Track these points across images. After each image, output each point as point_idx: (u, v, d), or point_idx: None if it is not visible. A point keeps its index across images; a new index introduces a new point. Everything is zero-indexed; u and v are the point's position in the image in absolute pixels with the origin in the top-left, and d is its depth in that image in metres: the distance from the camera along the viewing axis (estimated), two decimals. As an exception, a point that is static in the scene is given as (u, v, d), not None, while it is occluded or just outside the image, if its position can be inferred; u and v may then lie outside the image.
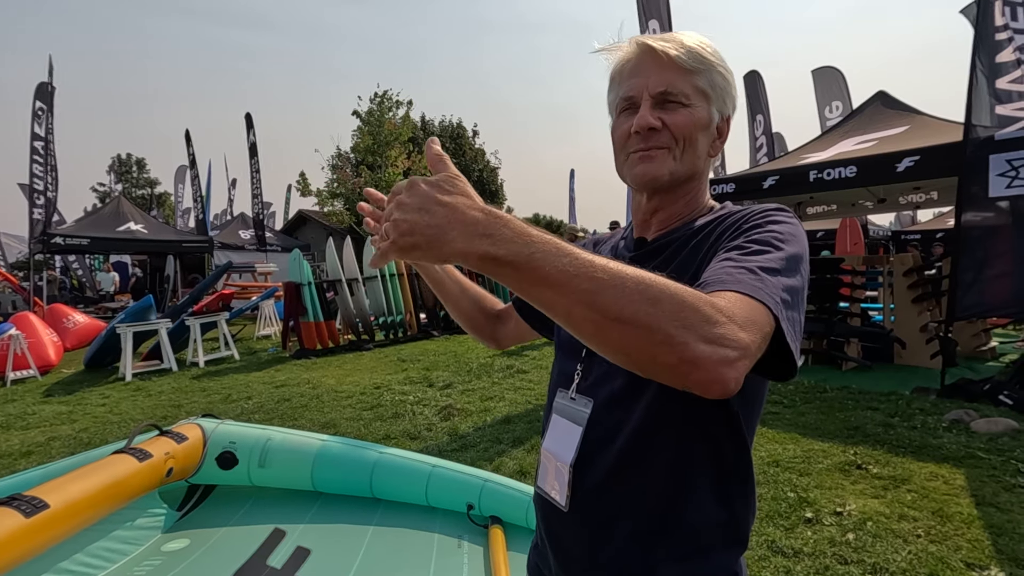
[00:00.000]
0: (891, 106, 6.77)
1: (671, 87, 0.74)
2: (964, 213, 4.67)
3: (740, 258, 0.63)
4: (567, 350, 0.86)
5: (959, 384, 4.80)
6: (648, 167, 0.76)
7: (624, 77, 0.79)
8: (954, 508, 2.75)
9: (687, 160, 0.77)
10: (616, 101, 0.80)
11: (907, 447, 3.59)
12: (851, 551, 2.40)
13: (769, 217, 0.71)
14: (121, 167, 41.36)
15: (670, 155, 0.76)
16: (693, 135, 0.76)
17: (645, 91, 0.75)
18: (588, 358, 0.80)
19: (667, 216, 0.82)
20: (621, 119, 0.79)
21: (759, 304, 0.56)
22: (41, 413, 5.22)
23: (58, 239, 11.66)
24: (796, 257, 0.65)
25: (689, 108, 0.75)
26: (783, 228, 0.69)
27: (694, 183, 0.81)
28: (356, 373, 6.67)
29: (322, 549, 2.21)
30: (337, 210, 16.32)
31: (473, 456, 3.63)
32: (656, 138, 0.75)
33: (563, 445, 0.78)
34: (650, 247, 0.82)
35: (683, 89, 0.75)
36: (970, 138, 4.58)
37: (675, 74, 0.74)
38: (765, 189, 6.08)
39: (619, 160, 0.81)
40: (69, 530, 1.71)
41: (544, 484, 0.83)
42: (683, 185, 0.79)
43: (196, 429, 2.51)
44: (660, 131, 0.74)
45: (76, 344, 9.21)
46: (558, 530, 0.81)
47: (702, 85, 0.76)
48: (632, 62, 0.78)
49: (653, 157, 0.75)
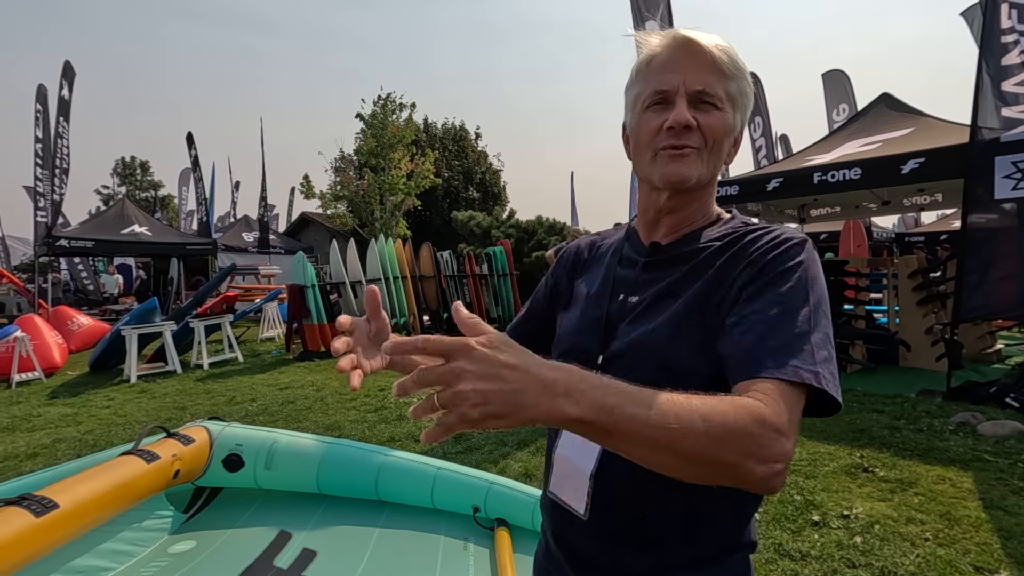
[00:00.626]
0: (895, 108, 6.76)
1: (709, 87, 0.72)
2: (970, 215, 4.65)
3: (772, 321, 0.64)
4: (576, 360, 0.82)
5: (965, 387, 4.78)
6: (679, 167, 0.74)
7: (654, 70, 0.75)
8: (962, 511, 2.73)
9: (712, 164, 0.76)
10: (643, 94, 0.77)
11: (914, 450, 3.58)
12: (859, 554, 2.39)
13: (791, 258, 0.69)
14: (125, 170, 41.49)
15: (699, 157, 0.74)
16: (722, 139, 0.75)
17: (682, 86, 0.72)
18: (603, 366, 0.77)
19: (679, 219, 0.80)
20: (649, 114, 0.76)
21: (799, 387, 0.60)
22: (46, 415, 5.24)
23: (63, 241, 11.71)
24: (821, 299, 0.67)
25: (722, 112, 0.74)
26: (807, 271, 0.68)
27: (710, 188, 0.81)
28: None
29: (328, 551, 2.22)
30: (340, 212, 16.35)
31: (478, 459, 3.63)
32: (689, 137, 0.73)
33: (581, 453, 0.77)
34: (665, 255, 0.80)
35: (719, 91, 0.73)
36: (976, 140, 4.57)
37: (713, 75, 0.73)
38: (769, 191, 6.07)
39: (643, 156, 0.78)
40: (78, 530, 1.71)
41: (559, 491, 0.81)
42: (702, 189, 0.79)
43: (203, 431, 2.52)
44: (694, 130, 0.72)
45: (81, 346, 9.24)
46: (573, 537, 0.80)
47: (733, 91, 0.74)
48: (663, 56, 0.75)
49: (685, 156, 0.73)
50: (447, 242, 17.30)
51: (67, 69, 11.39)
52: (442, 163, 22.21)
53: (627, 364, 0.74)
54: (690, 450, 0.53)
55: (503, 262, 10.88)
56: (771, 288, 0.67)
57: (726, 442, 0.53)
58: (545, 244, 12.41)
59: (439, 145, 23.28)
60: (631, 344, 0.75)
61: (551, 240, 12.60)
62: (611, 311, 0.80)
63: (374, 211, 15.63)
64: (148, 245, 13.73)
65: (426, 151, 16.78)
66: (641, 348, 0.74)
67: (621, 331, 0.77)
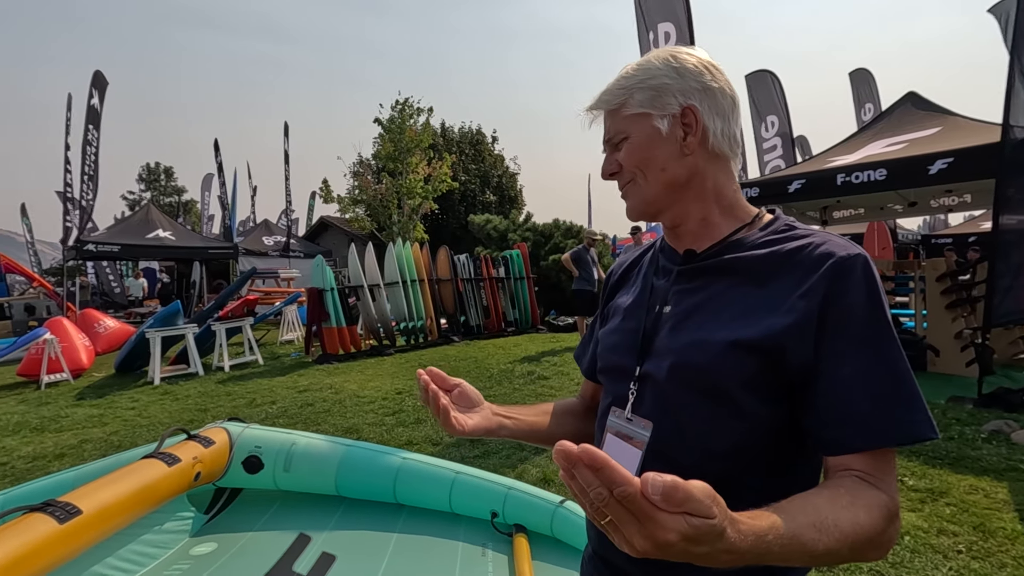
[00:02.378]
0: (922, 107, 6.59)
1: (608, 133, 0.81)
2: (1001, 216, 4.51)
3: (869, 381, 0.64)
4: (615, 373, 0.84)
5: (997, 393, 4.63)
6: (628, 205, 0.82)
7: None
8: (997, 523, 2.64)
9: (653, 179, 0.78)
10: None
11: (944, 458, 3.47)
12: (888, 567, 2.32)
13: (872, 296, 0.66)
14: (150, 175, 42.45)
15: (635, 186, 0.80)
16: (644, 157, 0.77)
17: (604, 144, 0.83)
18: (642, 380, 0.78)
19: (690, 228, 0.80)
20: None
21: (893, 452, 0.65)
22: (73, 416, 5.35)
23: (90, 246, 12.00)
24: (894, 333, 0.67)
25: (630, 139, 0.78)
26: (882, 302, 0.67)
27: (689, 187, 0.77)
28: (378, 378, 6.70)
29: (347, 556, 2.21)
30: (358, 216, 16.49)
31: (496, 463, 3.61)
32: (621, 178, 0.81)
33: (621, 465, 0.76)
34: (702, 263, 0.78)
35: (618, 128, 0.79)
36: (1008, 139, 4.43)
37: (609, 118, 0.81)
38: (791, 193, 5.97)
39: None
40: (101, 535, 1.73)
41: None
42: (673, 195, 0.78)
43: (223, 433, 2.54)
44: (622, 171, 0.80)
45: (107, 348, 9.44)
46: (612, 548, 0.79)
47: (631, 110, 0.77)
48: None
49: (626, 194, 0.82)
50: (464, 245, 17.33)
51: (98, 79, 11.68)
52: (459, 167, 22.29)
53: (668, 377, 0.73)
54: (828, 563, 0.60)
55: (520, 265, 10.86)
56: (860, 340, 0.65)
57: (864, 550, 0.60)
58: (562, 247, 12.35)
59: (456, 149, 23.38)
60: (672, 357, 0.74)
61: (568, 243, 12.54)
62: (647, 324, 0.80)
63: (392, 215, 15.73)
64: (172, 249, 14.01)
65: (443, 155, 16.85)
66: (683, 360, 0.72)
67: (658, 344, 0.77)
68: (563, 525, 2.21)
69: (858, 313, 0.65)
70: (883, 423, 0.62)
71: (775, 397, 0.68)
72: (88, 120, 11.62)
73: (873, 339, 0.65)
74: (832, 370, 0.64)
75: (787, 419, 0.68)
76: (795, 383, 0.67)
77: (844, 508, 0.58)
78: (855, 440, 0.63)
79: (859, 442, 0.63)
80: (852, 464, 0.64)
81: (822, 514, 0.56)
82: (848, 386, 0.64)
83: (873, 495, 0.61)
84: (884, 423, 0.62)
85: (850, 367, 0.64)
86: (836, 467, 0.65)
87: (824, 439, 0.65)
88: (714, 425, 0.69)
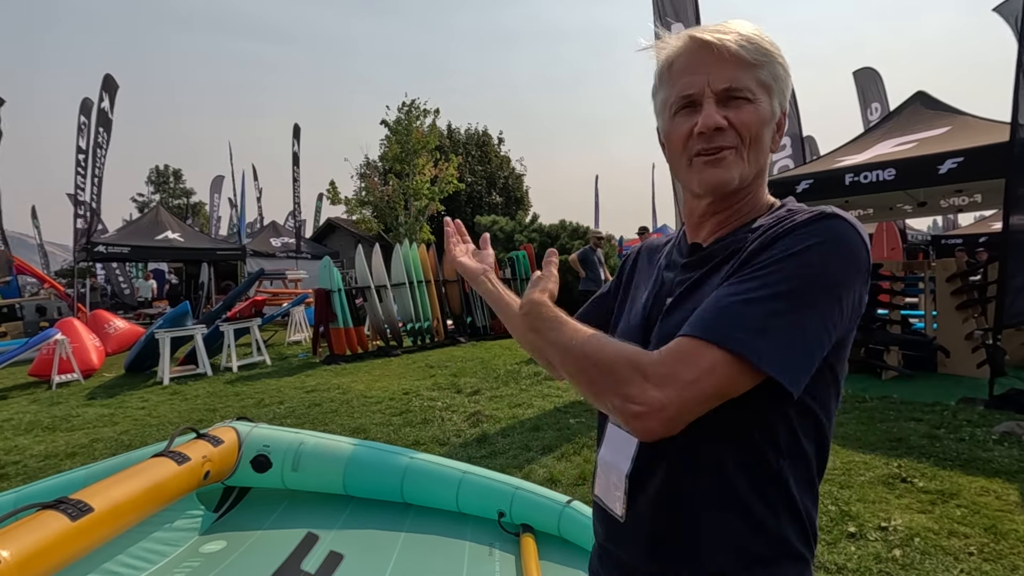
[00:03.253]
0: (931, 106, 6.53)
1: (735, 82, 0.69)
2: (1012, 216, 4.47)
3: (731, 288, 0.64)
4: None
5: (1009, 395, 4.58)
6: (717, 172, 0.71)
7: (677, 74, 0.73)
8: (1009, 525, 2.61)
9: (754, 159, 0.72)
10: (670, 101, 0.74)
11: (955, 460, 3.43)
12: (899, 568, 2.30)
13: (801, 239, 0.63)
14: (159, 178, 42.78)
15: (738, 156, 0.70)
16: (760, 132, 0.71)
17: (707, 88, 0.69)
18: None
19: (725, 218, 0.77)
20: (678, 119, 0.73)
21: (704, 345, 0.60)
22: (84, 415, 5.40)
23: (101, 247, 12.11)
24: (812, 282, 0.62)
25: (754, 104, 0.70)
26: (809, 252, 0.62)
27: (759, 181, 0.76)
28: (385, 379, 6.73)
29: (355, 554, 2.22)
30: (366, 218, 16.56)
31: (503, 463, 3.61)
32: (722, 138, 0.70)
33: (620, 455, 0.77)
34: (703, 253, 0.78)
35: (747, 84, 0.69)
36: (1018, 138, 4.39)
37: (738, 68, 0.69)
38: (799, 193, 5.93)
39: (679, 164, 0.76)
40: (112, 532, 1.75)
41: (602, 493, 0.81)
42: (756, 179, 0.75)
43: (231, 432, 2.56)
44: (726, 130, 0.69)
45: (117, 349, 9.52)
46: (614, 539, 0.80)
47: (765, 78, 0.70)
48: (684, 58, 0.73)
49: (722, 159, 0.70)
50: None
51: (108, 82, 11.79)
52: (465, 168, 22.34)
53: None
54: (576, 368, 0.67)
55: (526, 266, 10.87)
56: (763, 256, 0.64)
57: (600, 371, 0.63)
58: (568, 248, 12.34)
59: (462, 150, 23.43)
60: (660, 339, 0.72)
61: (575, 244, 12.53)
62: (652, 313, 0.80)
63: (399, 216, 15.79)
64: (181, 251, 14.12)
65: (450, 156, 16.90)
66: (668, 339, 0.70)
67: (656, 333, 0.77)
68: (570, 525, 2.21)
69: (779, 247, 0.64)
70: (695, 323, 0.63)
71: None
72: (98, 123, 11.74)
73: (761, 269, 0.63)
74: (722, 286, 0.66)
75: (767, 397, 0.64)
76: None
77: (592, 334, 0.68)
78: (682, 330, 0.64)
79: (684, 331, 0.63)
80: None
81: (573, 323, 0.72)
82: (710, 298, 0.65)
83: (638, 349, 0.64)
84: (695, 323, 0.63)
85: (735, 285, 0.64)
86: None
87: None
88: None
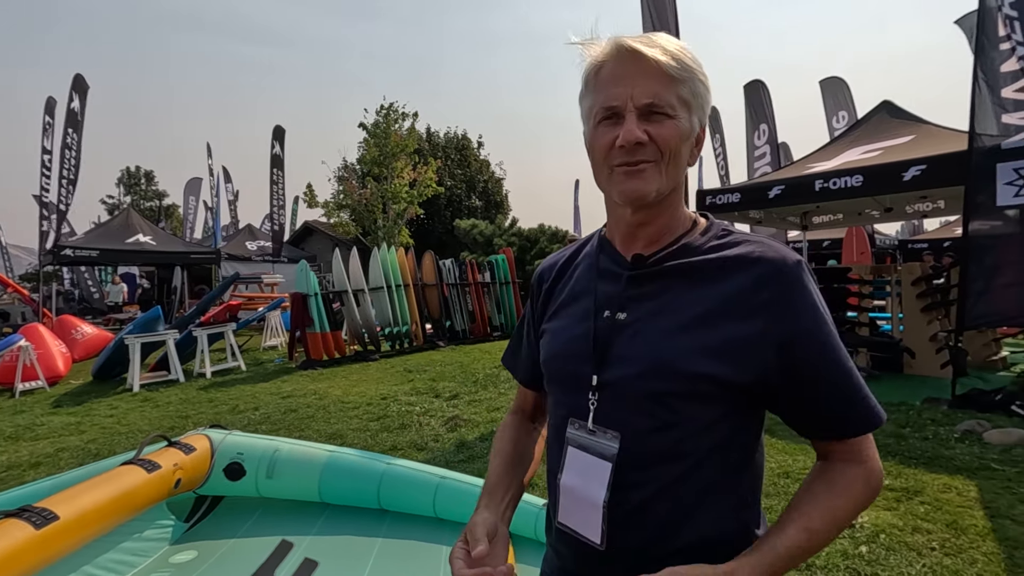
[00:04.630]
0: (896, 115, 6.77)
1: (657, 98, 0.70)
2: (971, 222, 4.64)
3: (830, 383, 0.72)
4: (568, 383, 0.80)
5: (970, 394, 4.75)
6: (636, 184, 0.72)
7: (603, 83, 0.73)
8: (968, 520, 2.71)
9: (672, 174, 0.74)
10: (594, 110, 0.74)
11: (919, 458, 3.55)
12: (864, 564, 2.37)
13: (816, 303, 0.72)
14: (130, 179, 41.78)
15: (656, 169, 0.72)
16: (679, 148, 0.72)
17: (630, 101, 0.70)
18: (601, 389, 0.75)
19: (655, 230, 0.78)
20: (602, 129, 0.74)
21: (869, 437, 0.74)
22: (49, 424, 5.24)
23: (68, 251, 11.78)
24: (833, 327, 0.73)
25: (675, 120, 0.71)
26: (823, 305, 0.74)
27: (676, 195, 0.78)
28: (362, 384, 6.67)
29: (330, 561, 2.20)
30: (343, 221, 16.41)
31: (480, 467, 3.61)
32: (642, 152, 0.71)
33: (590, 481, 0.74)
34: (652, 268, 0.77)
35: (669, 100, 0.70)
36: (975, 147, 4.56)
37: (660, 84, 0.70)
38: (771, 199, 6.07)
39: (601, 172, 0.77)
40: (78, 542, 1.71)
41: (569, 521, 0.77)
42: (667, 198, 0.76)
43: (204, 440, 2.52)
44: (647, 145, 0.70)
45: (84, 355, 9.26)
46: (591, 567, 0.77)
47: (685, 95, 0.72)
48: (610, 65, 0.73)
49: (640, 172, 0.72)
50: (450, 250, 17.31)
51: (78, 82, 11.51)
52: (444, 172, 22.30)
53: (634, 384, 0.72)
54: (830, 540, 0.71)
55: (506, 270, 10.90)
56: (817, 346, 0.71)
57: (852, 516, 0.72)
58: (547, 252, 12.42)
59: (441, 154, 23.39)
60: (638, 364, 0.72)
61: (553, 248, 12.62)
62: (599, 331, 0.77)
63: (377, 220, 15.68)
64: (152, 254, 13.81)
65: (428, 160, 16.86)
66: (650, 365, 0.71)
67: (617, 352, 0.75)
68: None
69: (811, 322, 0.71)
70: (856, 416, 0.72)
71: (737, 398, 0.71)
72: (68, 123, 11.44)
73: (828, 344, 0.72)
74: (809, 378, 0.72)
75: (743, 411, 0.73)
76: (754, 386, 0.70)
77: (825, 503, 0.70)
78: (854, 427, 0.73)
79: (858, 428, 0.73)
80: (839, 447, 0.74)
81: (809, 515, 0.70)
82: (834, 387, 0.72)
83: (850, 474, 0.72)
84: (857, 416, 0.72)
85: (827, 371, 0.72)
86: (823, 450, 0.77)
87: (821, 430, 0.75)
88: (684, 429, 0.70)
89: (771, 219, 8.26)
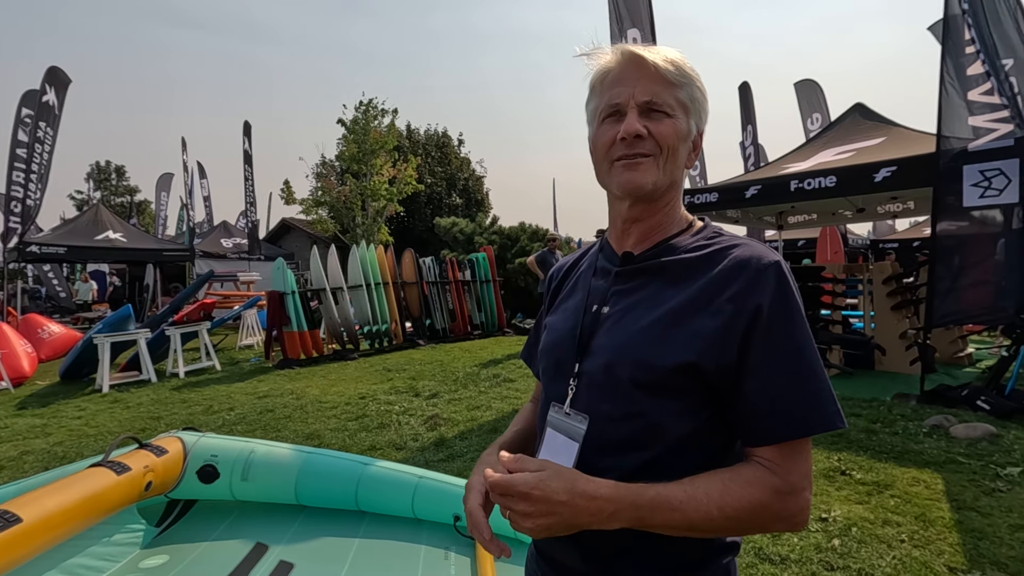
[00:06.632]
0: (868, 117, 6.92)
1: (656, 97, 0.76)
2: (939, 223, 4.77)
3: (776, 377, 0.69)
4: (554, 371, 0.85)
5: (938, 390, 4.89)
6: (634, 175, 0.77)
7: (608, 85, 0.79)
8: (936, 513, 2.78)
9: (669, 169, 0.78)
10: (599, 109, 0.80)
11: (889, 453, 3.64)
12: (837, 557, 2.42)
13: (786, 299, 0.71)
14: (100, 175, 40.67)
15: (654, 163, 0.77)
16: (676, 145, 0.77)
17: (631, 99, 0.76)
18: (580, 376, 0.79)
19: (648, 227, 0.82)
20: (605, 126, 0.80)
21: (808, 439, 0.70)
22: (14, 427, 5.07)
23: (33, 247, 11.41)
24: (807, 328, 0.72)
25: (672, 119, 0.77)
26: (798, 305, 0.72)
27: (672, 193, 0.82)
28: (341, 383, 6.59)
29: (306, 563, 2.17)
30: (322, 218, 16.19)
31: (460, 466, 3.60)
32: (641, 145, 0.76)
33: (558, 459, 0.77)
34: (639, 264, 0.81)
35: (668, 100, 0.76)
36: (942, 149, 4.69)
37: (660, 85, 0.76)
38: (747, 199, 6.16)
39: (602, 168, 0.82)
40: (43, 545, 1.66)
41: None
42: (663, 195, 0.80)
43: (176, 442, 2.46)
44: (645, 139, 0.76)
45: (51, 355, 8.99)
46: (559, 550, 0.80)
47: (683, 98, 0.78)
48: (615, 71, 0.79)
49: (639, 164, 0.77)
50: (430, 248, 17.22)
51: (53, 74, 11.12)
52: (425, 169, 22.16)
53: (605, 372, 0.76)
54: (713, 531, 0.68)
55: (486, 268, 10.87)
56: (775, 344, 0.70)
57: (744, 520, 0.67)
58: (528, 250, 12.42)
59: (422, 151, 23.24)
60: (609, 354, 0.76)
61: (534, 246, 12.63)
62: (585, 323, 0.82)
63: (356, 217, 15.51)
64: (123, 251, 13.43)
65: (408, 157, 16.72)
66: (621, 356, 0.74)
67: (596, 342, 0.79)
68: (526, 526, 2.22)
69: (778, 317, 0.70)
70: (800, 416, 0.68)
71: (699, 390, 0.72)
72: (40, 117, 11.05)
73: (791, 339, 0.70)
74: (758, 368, 0.69)
75: (710, 409, 0.73)
76: (717, 379, 0.71)
77: (719, 480, 0.68)
78: (775, 432, 0.68)
79: (779, 434, 0.68)
80: (761, 453, 0.70)
81: (695, 482, 0.67)
82: (772, 383, 0.69)
83: (760, 474, 0.68)
84: (801, 416, 0.68)
85: (773, 367, 0.69)
86: (748, 455, 0.72)
87: (749, 431, 0.71)
88: (646, 420, 0.72)
89: (748, 219, 8.39)
